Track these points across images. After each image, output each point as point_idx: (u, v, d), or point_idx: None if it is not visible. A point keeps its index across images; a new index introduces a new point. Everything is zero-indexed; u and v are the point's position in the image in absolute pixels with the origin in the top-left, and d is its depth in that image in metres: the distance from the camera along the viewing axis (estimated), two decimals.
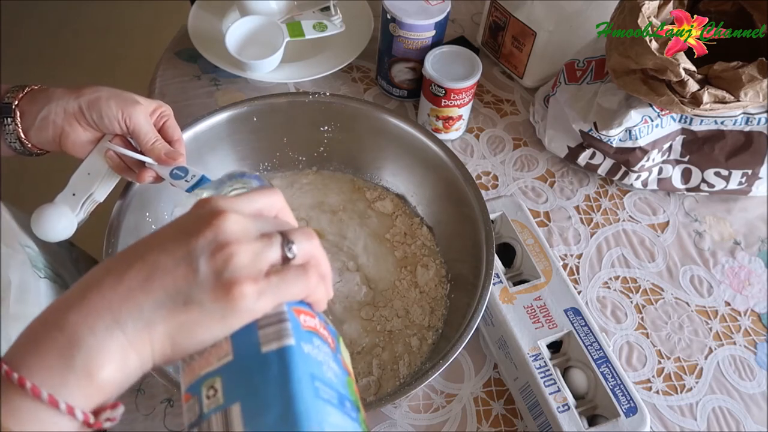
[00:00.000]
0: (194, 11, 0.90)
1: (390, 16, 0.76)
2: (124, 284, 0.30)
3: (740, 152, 0.73)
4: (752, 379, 0.66)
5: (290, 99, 0.71)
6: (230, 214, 0.31)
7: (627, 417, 0.56)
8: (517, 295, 0.62)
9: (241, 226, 0.31)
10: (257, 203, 0.34)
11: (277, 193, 0.35)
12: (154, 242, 0.32)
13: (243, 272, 0.30)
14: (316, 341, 0.33)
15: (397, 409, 0.62)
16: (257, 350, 0.31)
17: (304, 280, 0.33)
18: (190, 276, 0.30)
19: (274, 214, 0.35)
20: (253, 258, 0.31)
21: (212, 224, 0.31)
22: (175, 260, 0.30)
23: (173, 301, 0.30)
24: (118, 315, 0.30)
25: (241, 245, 0.31)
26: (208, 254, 0.30)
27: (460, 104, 0.77)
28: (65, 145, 0.56)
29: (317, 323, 0.34)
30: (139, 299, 0.30)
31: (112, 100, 0.55)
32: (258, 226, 0.33)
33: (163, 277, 0.30)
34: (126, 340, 0.30)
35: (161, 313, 0.30)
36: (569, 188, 0.80)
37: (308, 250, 0.33)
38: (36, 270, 0.58)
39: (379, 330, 0.65)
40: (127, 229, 0.61)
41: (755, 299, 0.72)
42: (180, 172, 0.56)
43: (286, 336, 0.31)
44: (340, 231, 0.72)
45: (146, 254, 0.31)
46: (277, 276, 0.32)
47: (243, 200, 0.33)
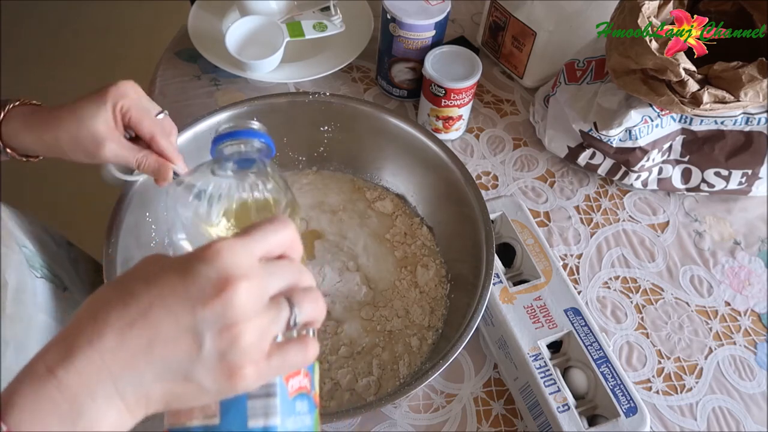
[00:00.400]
0: (194, 11, 0.90)
1: (390, 16, 0.76)
2: (125, 349, 0.30)
3: (740, 152, 0.73)
4: (752, 379, 0.66)
5: (290, 99, 0.71)
6: (240, 285, 0.30)
7: (627, 417, 0.56)
8: (517, 295, 0.62)
9: (250, 297, 0.30)
10: (268, 243, 0.33)
11: (287, 228, 0.34)
12: (157, 294, 0.30)
13: (247, 356, 0.30)
14: (299, 404, 0.34)
15: (397, 409, 0.62)
16: (244, 423, 0.32)
17: (303, 356, 0.33)
18: (193, 351, 0.30)
19: (284, 251, 0.34)
20: (258, 337, 0.31)
21: (222, 297, 0.30)
22: (179, 329, 0.30)
23: (173, 375, 0.30)
24: (118, 382, 0.30)
25: (248, 324, 0.30)
26: (214, 332, 0.30)
27: (460, 104, 0.77)
28: None
29: (301, 377, 0.35)
30: (140, 368, 0.30)
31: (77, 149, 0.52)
32: (267, 287, 0.32)
33: (165, 346, 0.30)
34: (124, 405, 0.30)
35: (160, 384, 0.30)
36: (569, 188, 0.80)
37: (311, 314, 0.34)
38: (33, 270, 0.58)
39: (379, 330, 0.65)
40: (127, 229, 0.61)
41: (755, 299, 0.72)
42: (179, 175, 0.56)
43: (272, 414, 0.32)
44: (340, 231, 0.72)
45: (149, 312, 0.30)
46: (278, 357, 0.32)
47: (252, 244, 0.32)
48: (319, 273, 0.68)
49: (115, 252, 0.58)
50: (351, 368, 0.63)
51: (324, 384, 0.61)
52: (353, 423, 0.61)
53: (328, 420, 0.54)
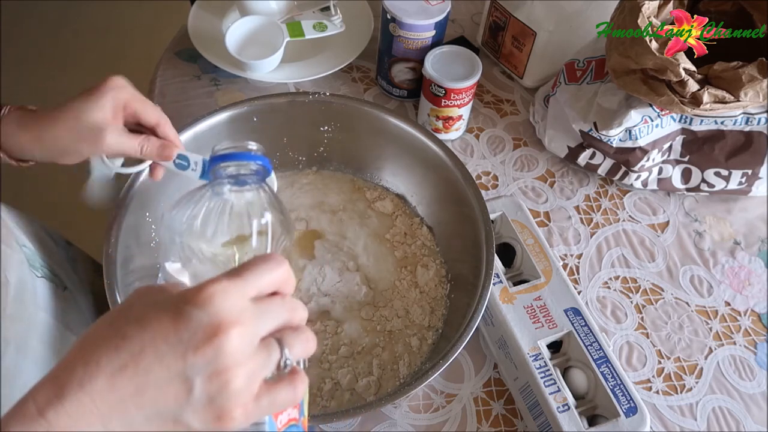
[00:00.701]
0: (194, 11, 0.90)
1: (390, 16, 0.76)
2: (116, 392, 0.30)
3: (740, 152, 0.73)
4: (752, 379, 0.66)
5: (290, 99, 0.71)
6: (231, 331, 0.30)
7: (627, 417, 0.56)
8: (517, 295, 0.62)
9: (241, 342, 0.31)
10: (260, 283, 0.33)
11: (280, 265, 0.34)
12: (149, 339, 0.30)
13: (236, 400, 0.31)
14: None
15: (397, 409, 0.62)
16: None
17: (293, 395, 0.33)
18: (182, 395, 0.30)
19: (276, 288, 0.34)
20: (248, 381, 0.31)
21: (212, 343, 0.30)
22: (169, 374, 0.30)
23: (163, 419, 0.30)
24: (108, 425, 0.30)
25: (239, 369, 0.31)
26: (204, 377, 0.30)
27: (460, 104, 0.77)
28: None
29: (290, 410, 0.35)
30: (130, 412, 0.30)
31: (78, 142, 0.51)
32: (258, 330, 0.32)
33: (156, 392, 0.30)
34: None
35: (150, 426, 0.31)
36: (569, 188, 0.80)
37: (301, 355, 0.34)
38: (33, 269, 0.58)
39: (379, 330, 0.65)
40: (127, 229, 0.61)
41: (755, 299, 0.72)
42: (183, 162, 0.55)
43: None
44: (340, 231, 0.72)
45: (140, 357, 0.30)
46: (267, 398, 0.32)
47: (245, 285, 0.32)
48: (319, 273, 0.68)
49: (115, 252, 0.58)
50: (351, 368, 0.63)
51: (324, 384, 0.61)
52: (353, 423, 0.61)
53: (328, 420, 0.54)
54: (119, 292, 0.56)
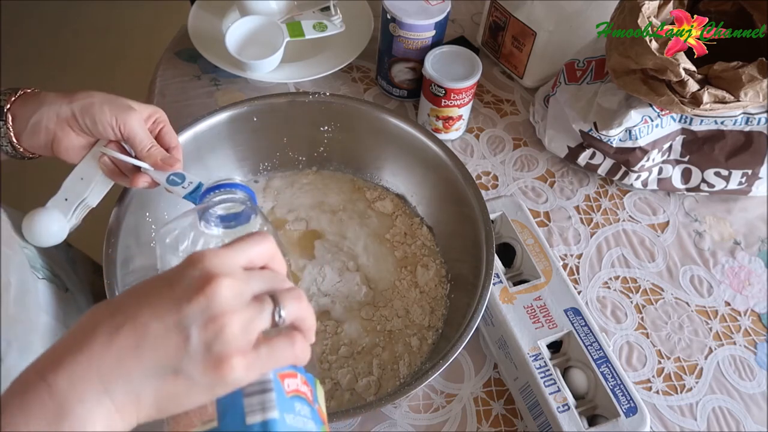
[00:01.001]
0: (194, 11, 0.90)
1: (390, 16, 0.76)
2: (113, 350, 0.30)
3: (740, 152, 0.73)
4: (752, 379, 0.66)
5: (290, 99, 0.71)
6: (222, 280, 0.31)
7: (627, 417, 0.56)
8: (517, 295, 0.62)
9: (233, 292, 0.31)
10: (248, 254, 0.34)
11: (267, 240, 0.35)
12: (144, 301, 0.31)
13: (233, 345, 0.31)
14: (298, 405, 0.34)
15: (397, 409, 0.62)
16: (242, 421, 0.32)
17: (291, 349, 0.33)
18: (180, 346, 0.30)
19: (265, 262, 0.35)
20: (243, 328, 0.31)
21: (205, 291, 0.31)
22: (165, 328, 0.30)
23: (163, 371, 0.31)
24: (107, 383, 0.30)
25: (233, 315, 0.31)
26: (199, 325, 0.30)
27: (460, 104, 0.77)
28: (58, 151, 0.55)
29: (299, 382, 0.35)
30: (128, 367, 0.30)
31: (105, 105, 0.54)
32: (250, 287, 0.33)
33: (154, 345, 0.30)
34: (113, 407, 0.30)
35: (150, 382, 0.31)
36: (569, 188, 0.80)
37: (296, 312, 0.34)
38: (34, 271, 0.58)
39: (379, 330, 0.65)
40: (127, 230, 0.61)
41: (755, 299, 0.72)
42: (177, 179, 0.56)
43: (270, 408, 0.32)
44: (340, 231, 0.72)
45: (136, 316, 0.31)
46: (266, 347, 0.32)
47: (234, 253, 0.33)
48: (319, 273, 0.68)
49: (115, 252, 0.58)
50: (351, 368, 0.63)
51: (324, 384, 0.61)
52: (353, 423, 0.61)
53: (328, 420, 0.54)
54: (119, 292, 0.56)
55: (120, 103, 0.55)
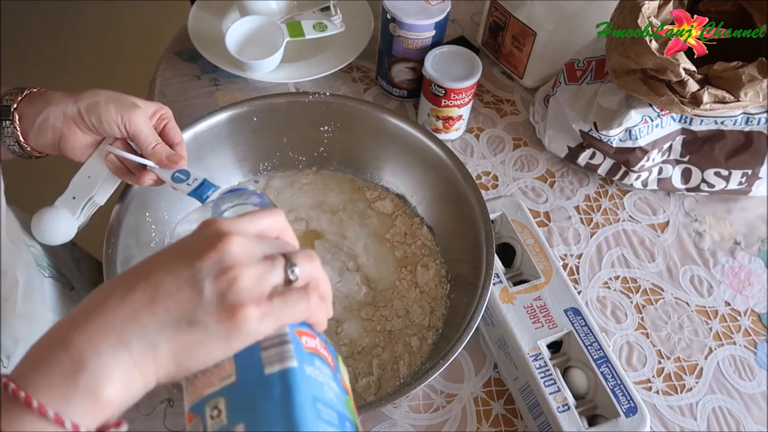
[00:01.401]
0: (194, 11, 0.90)
1: (390, 16, 0.76)
2: (127, 305, 0.30)
3: (740, 152, 0.73)
4: (752, 379, 0.66)
5: (290, 99, 0.71)
6: (234, 237, 0.32)
7: (627, 417, 0.56)
8: (517, 295, 0.62)
9: (245, 248, 0.32)
10: (260, 224, 0.34)
11: (279, 214, 0.36)
12: (158, 263, 0.32)
13: (246, 295, 0.31)
14: (318, 362, 0.33)
15: (397, 409, 0.62)
16: (260, 372, 0.31)
17: (306, 302, 0.33)
18: (194, 298, 0.31)
19: (276, 235, 0.36)
20: (256, 280, 0.32)
21: (216, 247, 0.31)
22: (178, 282, 0.31)
23: (177, 323, 0.31)
24: (122, 335, 0.30)
25: (245, 268, 0.31)
26: (212, 276, 0.31)
27: (460, 104, 0.77)
28: (64, 149, 0.56)
29: (318, 344, 0.35)
30: (143, 320, 0.30)
31: (111, 103, 0.54)
32: (261, 248, 0.33)
33: (167, 298, 0.31)
34: (131, 360, 0.30)
35: (166, 333, 0.31)
36: (569, 188, 0.80)
37: (309, 271, 0.34)
38: (41, 269, 0.58)
39: (379, 330, 0.65)
40: (127, 229, 0.61)
41: (755, 299, 0.72)
42: (182, 176, 0.56)
43: (288, 358, 0.32)
44: (340, 231, 0.72)
45: (150, 275, 0.31)
46: (279, 298, 0.32)
47: (246, 221, 0.34)
48: None
49: (115, 252, 0.58)
50: (351, 368, 0.63)
51: None
52: None
53: None
54: None
55: (125, 101, 0.55)
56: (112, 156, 0.57)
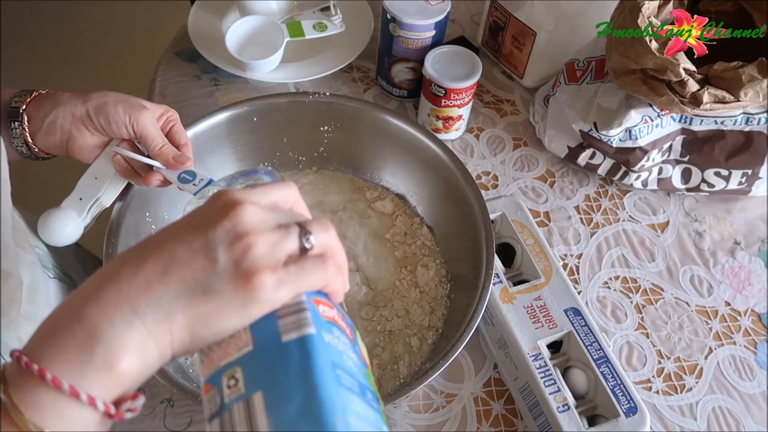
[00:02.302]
0: (194, 11, 0.90)
1: (390, 16, 0.76)
2: (141, 275, 0.30)
3: (740, 152, 0.73)
4: (752, 379, 0.66)
5: (290, 99, 0.71)
6: (247, 205, 0.31)
7: (627, 417, 0.56)
8: (517, 295, 0.62)
9: (258, 216, 0.32)
10: (272, 195, 0.34)
11: (291, 186, 0.35)
12: (170, 233, 0.31)
13: (262, 262, 0.31)
14: (336, 331, 0.33)
15: (397, 409, 0.62)
16: (277, 340, 0.31)
17: (322, 269, 0.33)
18: (208, 266, 0.30)
19: (289, 207, 0.35)
20: (271, 248, 0.31)
21: (230, 215, 0.31)
22: (192, 251, 0.30)
23: (192, 292, 0.30)
24: (136, 306, 0.30)
25: (259, 235, 0.31)
26: (226, 244, 0.30)
27: (460, 104, 0.77)
28: (72, 150, 0.56)
29: (335, 314, 0.34)
30: (157, 290, 0.30)
31: (119, 104, 0.55)
32: (275, 216, 0.33)
33: (181, 268, 0.30)
34: (145, 330, 0.30)
35: (180, 303, 0.30)
36: (569, 188, 0.80)
37: (325, 240, 0.34)
38: (46, 270, 0.58)
39: (379, 330, 0.65)
40: (127, 229, 0.61)
41: (755, 299, 0.72)
42: (188, 176, 0.57)
43: (305, 325, 0.31)
44: (340, 231, 0.72)
45: (162, 245, 0.31)
46: (295, 265, 0.32)
47: (258, 192, 0.33)
48: None
49: (115, 252, 0.59)
50: None
51: None
52: None
53: None
54: None
55: (133, 102, 0.56)
56: (119, 157, 0.57)
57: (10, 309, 0.50)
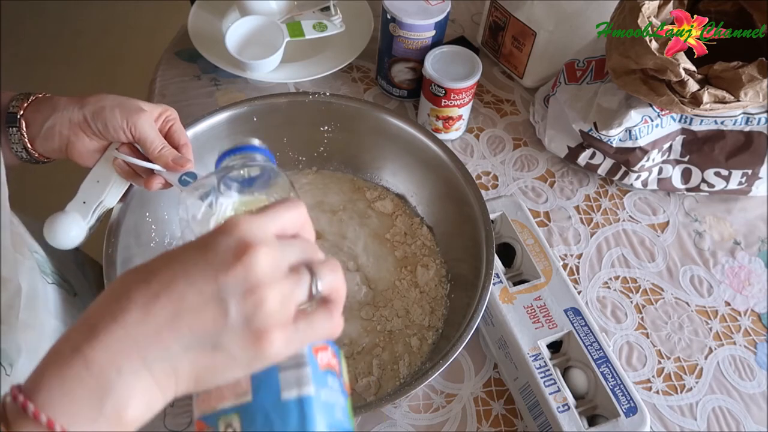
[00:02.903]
0: (194, 11, 0.90)
1: (390, 16, 0.76)
2: (150, 322, 0.29)
3: (740, 152, 0.73)
4: (752, 379, 0.66)
5: (290, 99, 0.71)
6: (260, 249, 0.30)
7: (627, 417, 0.56)
8: (517, 295, 0.62)
9: (271, 262, 0.31)
10: (282, 220, 0.33)
11: (299, 207, 0.35)
12: (179, 268, 0.30)
13: (273, 319, 0.30)
14: (330, 379, 0.33)
15: (397, 409, 0.62)
16: (277, 395, 0.31)
17: (330, 322, 0.33)
18: (219, 319, 0.30)
19: (297, 230, 0.35)
20: (283, 302, 0.31)
21: (242, 261, 0.30)
22: (203, 298, 0.30)
23: (201, 345, 0.30)
24: (145, 356, 0.29)
25: (272, 288, 0.30)
26: (238, 297, 0.30)
27: (460, 104, 0.77)
28: (72, 154, 0.56)
29: (330, 356, 0.35)
30: (166, 341, 0.30)
31: (116, 109, 0.54)
32: (286, 256, 0.32)
33: (192, 318, 0.30)
34: (153, 380, 0.30)
35: (188, 357, 0.30)
36: (569, 188, 0.80)
37: (332, 283, 0.34)
38: (44, 276, 0.57)
39: (379, 330, 0.65)
40: (127, 229, 0.61)
41: (755, 299, 0.72)
42: (189, 178, 0.56)
43: (306, 383, 0.32)
44: (340, 231, 0.72)
45: (172, 285, 0.30)
46: (305, 322, 0.32)
47: (268, 219, 0.33)
48: None
49: (115, 252, 0.58)
50: (351, 368, 0.63)
51: None
52: None
53: None
54: None
55: (130, 106, 0.55)
56: (119, 160, 0.57)
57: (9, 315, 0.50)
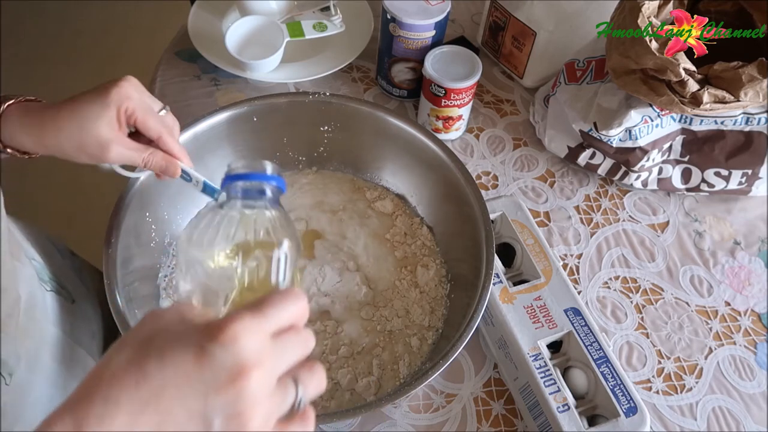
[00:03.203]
0: (194, 11, 0.90)
1: (390, 16, 0.76)
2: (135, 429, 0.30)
3: (740, 152, 0.73)
4: (752, 379, 0.66)
5: (290, 99, 0.71)
6: (253, 374, 0.31)
7: (627, 417, 0.56)
8: (517, 295, 0.62)
9: (261, 384, 0.31)
10: (282, 318, 0.34)
11: (301, 300, 0.35)
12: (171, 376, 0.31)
13: None
14: None
15: (397, 409, 0.62)
16: None
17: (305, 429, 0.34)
18: None
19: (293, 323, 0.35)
20: (264, 421, 0.32)
21: (235, 386, 0.30)
22: (189, 415, 0.30)
23: None
24: None
25: (257, 410, 0.31)
26: (223, 418, 0.30)
27: (460, 104, 0.77)
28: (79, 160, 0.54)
29: None
30: None
31: (81, 154, 0.51)
32: (276, 370, 0.33)
33: (175, 429, 0.30)
34: None
35: None
36: (569, 188, 0.80)
37: (314, 393, 0.35)
38: (42, 283, 0.57)
39: (379, 330, 0.65)
40: (126, 230, 0.61)
41: (755, 299, 0.72)
42: (185, 176, 0.57)
43: None
44: (340, 231, 0.72)
45: (162, 395, 0.30)
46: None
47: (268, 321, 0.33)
48: (319, 273, 0.68)
49: (115, 252, 0.58)
50: (351, 368, 0.63)
51: None
52: (353, 423, 0.61)
53: (328, 420, 0.54)
54: (119, 292, 0.56)
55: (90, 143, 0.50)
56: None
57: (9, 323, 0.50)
